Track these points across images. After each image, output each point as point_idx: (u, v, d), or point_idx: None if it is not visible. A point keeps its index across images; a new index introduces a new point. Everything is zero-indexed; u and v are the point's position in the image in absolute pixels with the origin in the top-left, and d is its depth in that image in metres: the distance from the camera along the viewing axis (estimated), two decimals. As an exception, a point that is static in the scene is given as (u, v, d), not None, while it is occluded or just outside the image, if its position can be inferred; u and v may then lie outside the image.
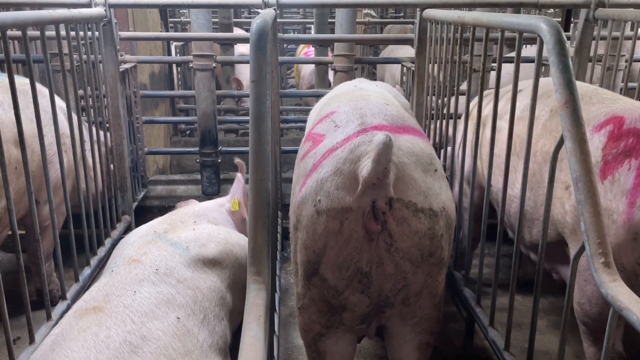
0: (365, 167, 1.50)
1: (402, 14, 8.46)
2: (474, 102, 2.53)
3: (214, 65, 3.73)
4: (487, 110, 2.56)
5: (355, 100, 1.94)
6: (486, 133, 2.44)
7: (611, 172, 1.83)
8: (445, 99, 2.80)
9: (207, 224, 2.20)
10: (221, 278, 1.90)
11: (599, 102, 2.08)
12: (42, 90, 2.36)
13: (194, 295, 1.71)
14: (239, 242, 2.12)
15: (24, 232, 2.62)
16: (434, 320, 1.78)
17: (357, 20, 5.15)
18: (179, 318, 1.58)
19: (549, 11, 5.94)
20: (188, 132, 5.71)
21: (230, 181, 3.06)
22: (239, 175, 2.50)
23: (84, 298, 1.63)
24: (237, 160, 2.51)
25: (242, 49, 6.12)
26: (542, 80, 2.14)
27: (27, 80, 2.06)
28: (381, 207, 1.53)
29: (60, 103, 2.38)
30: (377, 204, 1.53)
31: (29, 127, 2.20)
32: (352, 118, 1.76)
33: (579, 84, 2.35)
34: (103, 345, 1.39)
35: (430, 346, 1.85)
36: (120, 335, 1.43)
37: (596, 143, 1.91)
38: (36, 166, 2.38)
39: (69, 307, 2.17)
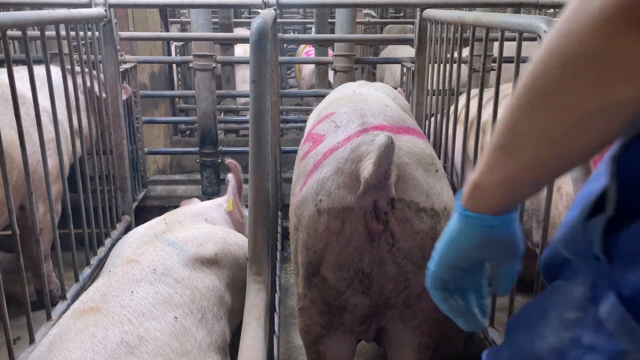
0: (367, 169, 1.50)
1: (402, 14, 8.46)
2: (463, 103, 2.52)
3: (214, 65, 3.73)
4: (486, 113, 2.55)
5: (355, 102, 1.94)
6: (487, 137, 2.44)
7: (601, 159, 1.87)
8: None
9: (205, 224, 2.20)
10: (219, 277, 1.90)
11: None
12: (25, 95, 2.34)
13: (191, 294, 1.71)
14: (237, 241, 2.11)
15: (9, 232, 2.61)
16: (434, 322, 1.78)
17: (357, 20, 5.15)
18: (176, 318, 1.58)
19: (549, 11, 5.94)
20: (188, 132, 5.71)
21: (230, 181, 3.05)
22: (229, 175, 2.49)
23: (82, 299, 1.63)
24: (228, 160, 2.50)
25: (239, 50, 6.08)
26: None
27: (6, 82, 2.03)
28: (383, 207, 1.53)
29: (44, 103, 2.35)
30: (378, 204, 1.52)
31: (9, 134, 2.19)
32: (353, 118, 1.75)
33: None
34: (100, 345, 1.39)
35: (430, 348, 1.84)
36: (117, 336, 1.43)
37: None
38: (17, 175, 2.37)
39: (69, 307, 2.17)
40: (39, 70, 2.19)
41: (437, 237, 1.60)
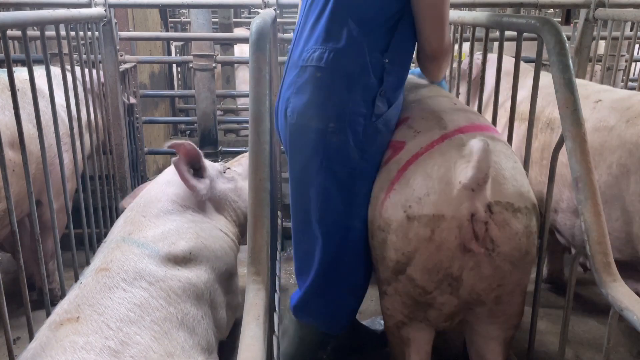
0: (464, 173, 1.49)
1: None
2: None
3: (214, 65, 3.73)
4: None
5: (424, 103, 1.91)
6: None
7: None
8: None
9: (174, 217, 2.03)
10: (197, 274, 1.85)
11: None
12: (42, 90, 2.34)
13: (166, 297, 1.67)
14: (212, 233, 2.05)
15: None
16: (519, 315, 1.78)
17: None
18: (154, 321, 1.56)
19: (549, 11, 5.94)
20: (188, 132, 5.71)
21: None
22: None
23: (56, 311, 1.58)
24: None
25: (236, 51, 6.05)
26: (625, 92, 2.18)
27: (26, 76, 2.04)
28: (482, 217, 1.51)
29: (60, 101, 2.35)
30: (477, 216, 1.50)
31: (27, 128, 2.18)
32: (431, 122, 1.74)
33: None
34: (83, 351, 1.37)
35: (513, 340, 1.84)
36: (99, 341, 1.41)
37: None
38: (35, 168, 2.35)
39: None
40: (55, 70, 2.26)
41: (531, 235, 1.57)
